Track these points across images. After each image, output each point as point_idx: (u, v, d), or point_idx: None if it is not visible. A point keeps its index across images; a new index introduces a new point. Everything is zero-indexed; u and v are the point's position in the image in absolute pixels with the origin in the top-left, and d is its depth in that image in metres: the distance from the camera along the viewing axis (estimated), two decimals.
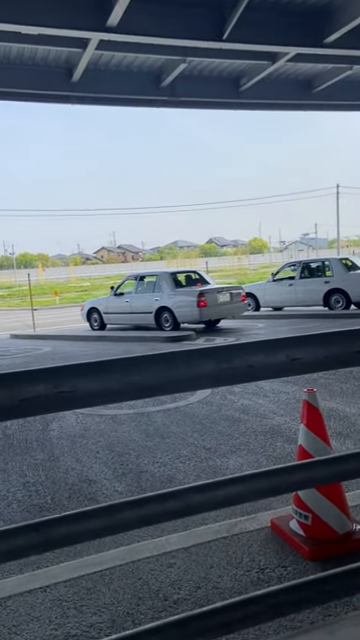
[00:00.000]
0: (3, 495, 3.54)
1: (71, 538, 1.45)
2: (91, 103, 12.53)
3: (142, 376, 1.50)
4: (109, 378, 1.47)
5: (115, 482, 3.63)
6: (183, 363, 1.54)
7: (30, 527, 1.44)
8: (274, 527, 2.82)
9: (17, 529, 1.42)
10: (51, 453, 4.39)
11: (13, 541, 1.39)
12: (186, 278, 13.10)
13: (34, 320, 15.55)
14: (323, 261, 14.36)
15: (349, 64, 11.70)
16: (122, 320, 13.32)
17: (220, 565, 2.55)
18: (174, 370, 1.52)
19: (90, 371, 1.47)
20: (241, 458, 3.92)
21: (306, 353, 1.64)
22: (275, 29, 9.86)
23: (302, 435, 2.67)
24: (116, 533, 1.52)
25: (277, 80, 13.00)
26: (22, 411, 1.37)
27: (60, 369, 1.46)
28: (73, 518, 1.47)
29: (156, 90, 12.24)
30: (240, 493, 1.60)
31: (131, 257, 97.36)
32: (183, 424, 4.94)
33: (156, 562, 2.60)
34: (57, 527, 1.44)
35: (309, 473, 1.64)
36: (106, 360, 1.52)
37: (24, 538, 1.40)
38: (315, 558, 2.53)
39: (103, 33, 9.05)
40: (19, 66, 11.14)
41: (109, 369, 1.50)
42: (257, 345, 1.67)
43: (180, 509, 1.54)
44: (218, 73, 12.63)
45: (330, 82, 12.95)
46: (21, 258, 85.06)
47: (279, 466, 1.69)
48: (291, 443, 4.16)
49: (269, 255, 79.91)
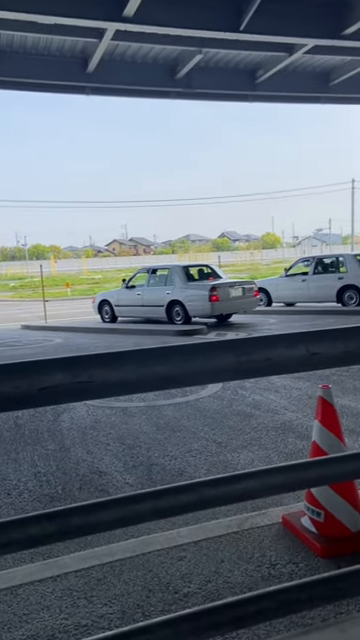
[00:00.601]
0: (15, 484, 3.55)
1: (84, 529, 1.44)
2: (106, 94, 12.49)
3: (160, 367, 1.49)
4: (127, 369, 1.45)
5: (126, 474, 3.63)
6: (202, 355, 1.52)
7: (44, 516, 1.43)
8: (285, 523, 2.80)
9: (31, 518, 1.41)
10: (62, 444, 4.40)
11: (27, 530, 1.38)
12: (198, 272, 13.06)
13: (46, 311, 15.62)
14: (337, 257, 14.23)
15: None
16: (133, 313, 13.32)
17: (231, 560, 2.53)
18: (192, 362, 1.50)
19: (108, 361, 1.46)
20: (252, 453, 3.89)
21: (325, 348, 1.61)
22: (293, 20, 9.73)
23: (316, 431, 2.64)
24: (130, 525, 1.51)
25: (294, 72, 12.84)
26: (41, 400, 1.35)
27: (78, 359, 1.44)
28: (87, 509, 1.46)
29: (171, 81, 12.15)
30: (255, 488, 1.58)
31: (143, 250, 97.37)
32: (194, 418, 4.93)
33: (166, 555, 2.60)
34: (71, 517, 1.43)
35: (324, 470, 1.61)
36: (124, 350, 1.50)
37: (38, 527, 1.39)
38: (327, 555, 2.51)
39: (119, 23, 8.99)
40: (34, 56, 11.12)
41: (127, 359, 1.48)
42: (276, 339, 1.64)
43: (194, 502, 1.53)
44: (234, 65, 12.50)
45: (348, 75, 12.76)
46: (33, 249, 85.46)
47: (294, 462, 1.67)
48: (303, 439, 4.13)
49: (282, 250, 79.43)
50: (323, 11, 9.81)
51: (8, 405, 1.37)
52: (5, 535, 1.36)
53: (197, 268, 13.38)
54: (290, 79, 12.78)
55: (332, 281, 13.44)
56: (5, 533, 1.36)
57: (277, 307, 14.65)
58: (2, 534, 1.36)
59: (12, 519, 1.40)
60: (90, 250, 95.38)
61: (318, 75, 13.24)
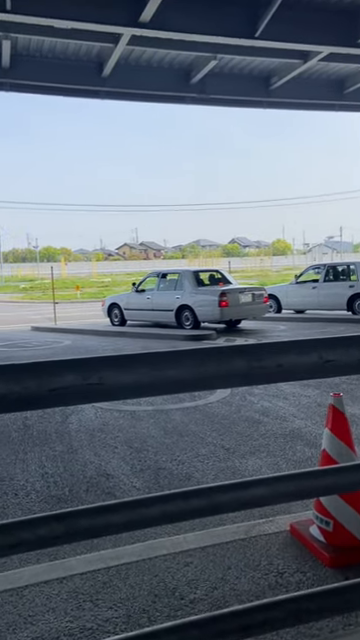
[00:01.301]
0: (22, 485, 3.56)
1: (92, 531, 1.44)
2: (120, 98, 12.57)
3: (172, 371, 1.48)
4: (138, 371, 1.45)
5: (133, 478, 3.62)
6: (214, 360, 1.51)
7: (53, 518, 1.43)
8: (293, 531, 2.77)
9: (40, 519, 1.41)
10: (70, 445, 4.40)
11: (35, 531, 1.38)
12: (208, 277, 13.05)
13: (55, 313, 15.70)
14: (348, 265, 14.15)
15: None
16: (143, 317, 13.33)
17: (238, 567, 2.51)
18: (205, 366, 1.49)
19: (119, 363, 1.45)
20: (260, 460, 3.87)
21: (340, 355, 1.60)
22: (309, 28, 9.73)
23: (326, 439, 2.62)
24: (138, 529, 1.51)
25: (308, 79, 12.83)
26: (51, 401, 1.35)
27: (89, 360, 1.44)
28: (95, 511, 1.46)
29: (186, 87, 12.20)
30: (264, 495, 1.57)
31: (153, 254, 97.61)
32: (202, 423, 4.91)
33: (173, 560, 2.58)
34: (79, 519, 1.42)
35: (335, 479, 1.59)
36: (135, 353, 1.50)
37: (47, 528, 1.39)
38: (335, 565, 2.47)
39: (135, 28, 9.05)
40: (51, 60, 11.22)
41: (138, 362, 1.47)
42: (289, 345, 1.63)
43: (204, 507, 1.51)
44: (249, 71, 12.53)
45: None
46: (44, 252, 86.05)
47: (304, 470, 1.65)
48: (311, 447, 4.10)
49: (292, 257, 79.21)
50: (339, 19, 9.81)
51: (18, 405, 1.37)
52: (14, 536, 1.36)
53: (207, 273, 13.37)
54: (304, 86, 12.78)
55: (343, 289, 13.36)
56: (14, 534, 1.36)
57: (287, 314, 14.59)
58: (11, 535, 1.36)
59: (21, 520, 1.39)
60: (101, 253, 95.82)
61: (333, 82, 13.23)
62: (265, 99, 13.00)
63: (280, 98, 12.94)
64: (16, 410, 1.38)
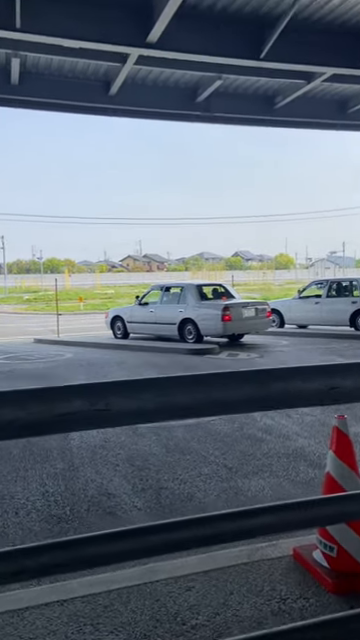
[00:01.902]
0: (23, 504, 3.54)
1: (96, 560, 1.43)
2: (127, 116, 12.73)
3: (178, 396, 1.48)
4: (145, 397, 1.45)
5: (134, 497, 3.60)
6: (220, 385, 1.52)
7: (56, 545, 1.42)
8: (296, 556, 2.75)
9: (44, 546, 1.41)
10: (71, 463, 4.39)
11: (39, 558, 1.38)
12: (211, 291, 13.08)
13: (58, 325, 15.72)
14: (351, 281, 14.18)
15: None
16: (145, 330, 13.35)
17: (240, 592, 2.48)
18: (211, 392, 1.50)
19: (126, 389, 1.46)
20: (263, 480, 3.84)
21: (346, 381, 1.60)
22: (313, 49, 9.87)
23: (330, 462, 2.60)
24: (142, 557, 1.50)
25: (312, 99, 12.98)
26: (58, 427, 1.36)
27: (96, 386, 1.45)
28: (98, 539, 1.45)
29: (191, 105, 12.35)
30: (269, 524, 1.56)
31: (156, 267, 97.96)
32: (204, 441, 4.89)
33: (174, 584, 2.55)
34: (82, 547, 1.42)
35: (343, 507, 1.59)
36: (141, 379, 1.50)
37: (50, 556, 1.38)
38: (339, 592, 2.44)
39: (143, 49, 9.19)
40: (59, 78, 11.40)
41: (144, 388, 1.48)
42: (294, 371, 1.63)
43: (208, 536, 1.51)
44: (253, 91, 12.69)
45: None
46: (48, 263, 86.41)
47: (312, 498, 1.65)
48: (315, 468, 4.07)
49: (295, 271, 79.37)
50: (343, 40, 9.95)
51: (25, 432, 1.37)
52: (17, 563, 1.35)
53: (210, 287, 13.41)
54: (308, 106, 12.92)
55: (346, 305, 13.37)
56: (17, 561, 1.35)
57: (289, 329, 14.58)
58: (14, 562, 1.36)
59: (24, 547, 1.39)
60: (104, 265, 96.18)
61: (336, 102, 13.38)
62: (269, 118, 13.14)
63: (284, 117, 13.08)
64: (22, 436, 1.38)
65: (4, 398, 1.35)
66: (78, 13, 8.66)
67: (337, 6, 9.20)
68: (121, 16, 8.85)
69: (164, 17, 8.23)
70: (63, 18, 8.63)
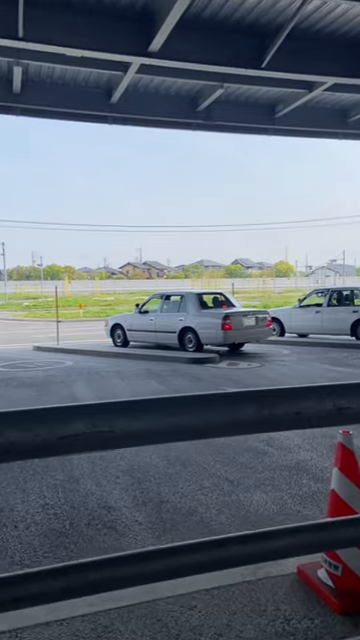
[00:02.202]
0: (22, 517, 3.49)
1: (97, 586, 1.39)
2: (128, 124, 12.76)
3: (181, 418, 1.45)
4: (147, 418, 1.42)
5: (135, 511, 3.55)
6: (224, 406, 1.49)
7: (57, 571, 1.38)
8: (300, 574, 2.70)
9: (44, 572, 1.37)
10: (71, 474, 4.34)
11: (39, 585, 1.34)
12: (212, 299, 13.07)
13: (58, 332, 15.68)
14: (352, 290, 14.18)
15: None
16: (145, 338, 13.31)
17: (243, 612, 2.43)
18: (214, 413, 1.47)
19: (128, 410, 1.43)
20: (265, 494, 3.79)
21: (354, 402, 1.57)
22: (314, 58, 9.91)
23: (335, 479, 2.56)
24: (146, 583, 1.46)
25: (313, 108, 13.03)
26: (60, 449, 1.33)
27: (99, 407, 1.41)
28: (100, 564, 1.41)
29: (192, 113, 12.39)
30: (277, 548, 1.52)
31: (156, 274, 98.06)
32: (205, 453, 4.84)
33: (176, 603, 2.50)
34: (84, 573, 1.38)
35: (356, 530, 1.55)
36: (144, 399, 1.47)
37: (51, 582, 1.34)
38: (344, 612, 2.39)
39: (144, 58, 9.22)
40: (61, 86, 11.44)
41: (147, 409, 1.45)
42: (301, 391, 1.60)
43: (213, 561, 1.47)
44: (254, 100, 12.74)
45: None
46: (48, 270, 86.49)
47: (322, 521, 1.61)
48: (317, 481, 4.03)
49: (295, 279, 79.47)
50: (344, 50, 10.00)
51: (28, 453, 1.34)
52: (17, 589, 1.31)
53: (211, 296, 13.39)
54: (309, 115, 12.97)
55: (346, 314, 13.35)
56: (17, 587, 1.31)
57: (290, 338, 14.55)
58: (14, 588, 1.32)
59: (24, 572, 1.35)
60: (104, 272, 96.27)
61: (337, 112, 13.43)
62: (270, 126, 13.18)
63: (285, 126, 13.12)
64: (26, 458, 1.35)
65: (6, 419, 1.32)
66: (80, 22, 8.69)
67: (338, 17, 9.25)
68: (123, 25, 8.89)
69: (166, 27, 8.26)
70: (65, 27, 8.67)
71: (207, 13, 8.97)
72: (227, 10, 8.91)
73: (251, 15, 9.10)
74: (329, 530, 1.51)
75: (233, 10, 8.94)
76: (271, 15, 9.08)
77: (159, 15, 8.32)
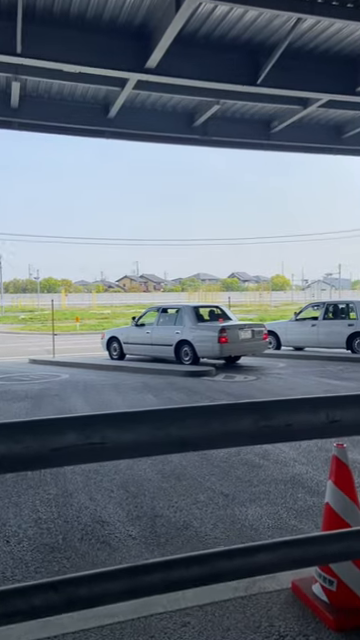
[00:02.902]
0: (14, 531, 3.44)
1: (91, 600, 1.37)
2: (125, 139, 12.89)
3: (175, 430, 1.45)
4: (141, 430, 1.42)
5: (129, 526, 3.51)
6: (219, 418, 1.48)
7: (49, 585, 1.37)
8: (295, 589, 2.67)
9: (36, 586, 1.35)
10: (65, 488, 4.30)
11: (31, 600, 1.32)
12: (208, 313, 13.09)
13: (54, 345, 15.63)
14: (347, 303, 14.23)
15: None
16: (142, 351, 13.29)
17: (237, 628, 2.40)
18: (209, 425, 1.46)
19: (121, 422, 1.42)
20: (260, 508, 3.76)
21: (347, 415, 1.57)
22: (309, 75, 10.08)
23: (330, 493, 2.55)
24: (138, 597, 1.44)
25: (308, 124, 13.21)
26: (52, 461, 1.32)
27: (91, 418, 1.41)
28: (93, 578, 1.40)
29: (189, 129, 12.54)
30: (269, 562, 1.51)
31: (153, 287, 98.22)
32: (200, 466, 4.81)
33: (170, 619, 2.46)
34: (78, 587, 1.36)
35: (347, 544, 1.54)
36: (137, 411, 1.47)
37: (43, 597, 1.33)
38: (340, 628, 2.36)
39: (141, 74, 9.36)
40: (59, 101, 11.56)
41: (140, 420, 1.44)
42: (295, 403, 1.60)
43: (207, 575, 1.45)
44: (250, 115, 12.90)
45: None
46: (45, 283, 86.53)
47: (314, 534, 1.60)
48: (313, 495, 4.00)
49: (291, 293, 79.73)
50: (339, 67, 10.17)
51: (20, 465, 1.33)
52: (9, 604, 1.30)
53: (207, 309, 13.42)
54: (304, 130, 13.14)
55: (342, 327, 13.39)
56: (9, 602, 1.29)
57: (286, 351, 14.55)
58: (5, 603, 1.30)
59: (16, 587, 1.33)
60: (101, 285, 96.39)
61: (331, 128, 13.61)
62: (266, 142, 13.34)
63: (280, 141, 13.29)
64: (16, 471, 1.34)
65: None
66: (78, 38, 8.82)
67: (332, 35, 9.43)
68: (121, 42, 9.03)
69: (163, 44, 8.40)
70: (63, 43, 8.79)
71: (203, 31, 9.12)
72: (223, 28, 9.07)
73: (246, 33, 9.26)
74: (319, 544, 1.50)
75: (229, 28, 9.10)
76: (266, 33, 9.25)
77: (156, 32, 8.46)
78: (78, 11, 8.46)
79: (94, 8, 8.39)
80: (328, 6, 7.93)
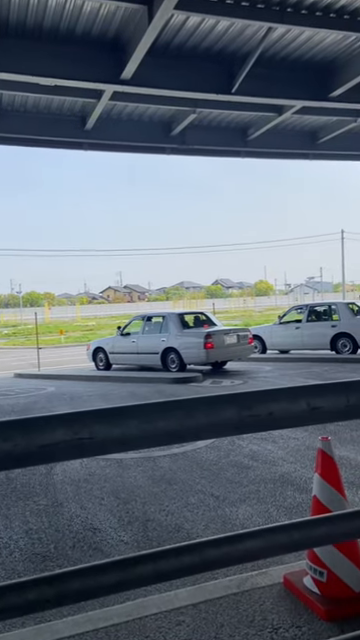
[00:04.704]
0: (5, 543, 3.42)
1: (84, 593, 1.39)
2: (103, 149, 12.95)
3: (162, 422, 1.48)
4: (129, 424, 1.45)
5: (121, 531, 3.51)
6: (204, 410, 1.52)
7: (42, 580, 1.38)
8: (287, 583, 2.70)
9: (29, 582, 1.36)
10: (55, 498, 4.28)
11: (25, 595, 1.33)
12: (193, 319, 13.14)
13: (39, 359, 15.53)
14: (330, 305, 14.42)
15: (354, 117, 12.10)
16: (128, 360, 13.27)
17: (231, 624, 2.42)
18: (194, 417, 1.50)
19: (108, 417, 1.45)
20: (251, 507, 3.80)
21: (327, 402, 1.62)
22: (282, 83, 10.27)
23: (316, 485, 2.60)
24: (130, 589, 1.46)
25: (283, 131, 13.43)
26: (41, 458, 1.34)
27: (79, 415, 1.44)
28: (86, 572, 1.42)
29: (166, 138, 12.65)
30: (259, 548, 1.55)
31: (137, 297, 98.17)
32: (190, 470, 4.83)
33: (164, 619, 2.48)
34: (70, 581, 1.38)
35: (330, 528, 1.58)
36: (124, 406, 1.50)
37: (36, 592, 1.34)
38: (331, 618, 2.40)
39: (117, 85, 9.44)
40: (35, 115, 11.58)
41: (127, 415, 1.48)
42: (276, 393, 1.65)
43: (197, 564, 1.48)
44: (226, 123, 13.08)
45: (335, 133, 13.36)
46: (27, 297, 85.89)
47: (298, 520, 1.64)
48: (302, 492, 4.05)
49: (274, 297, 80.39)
50: (311, 75, 10.39)
51: (8, 463, 1.35)
52: (4, 600, 1.31)
53: (192, 315, 13.47)
54: (280, 137, 13.35)
55: (325, 329, 13.56)
56: (5, 598, 1.31)
57: (272, 354, 14.67)
58: (1, 599, 1.31)
59: (9, 583, 1.35)
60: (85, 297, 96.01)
61: (306, 133, 13.86)
62: (243, 149, 13.52)
63: (257, 148, 13.48)
64: (5, 469, 1.36)
65: None
66: (52, 51, 8.88)
67: (302, 44, 9.64)
68: (95, 54, 9.11)
69: (137, 55, 8.50)
70: (38, 56, 8.84)
71: (177, 42, 9.25)
72: (195, 39, 9.22)
73: (219, 43, 9.42)
74: (304, 529, 1.54)
75: (201, 39, 9.25)
76: (238, 43, 9.42)
77: (130, 43, 8.56)
78: (51, 24, 8.52)
79: (67, 21, 8.46)
80: (297, 15, 8.12)
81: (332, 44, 9.71)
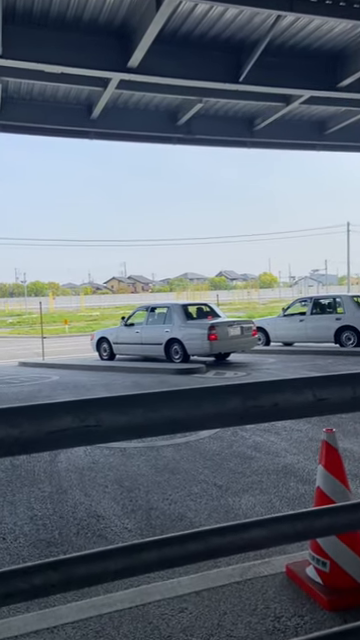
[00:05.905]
0: (10, 528, 3.46)
1: (89, 579, 1.40)
2: (109, 139, 12.89)
3: (167, 411, 1.48)
4: (135, 412, 1.45)
5: (124, 519, 3.54)
6: (209, 399, 1.52)
7: (48, 565, 1.40)
8: (289, 573, 2.72)
9: (35, 567, 1.38)
10: (59, 486, 4.31)
11: (31, 580, 1.35)
12: (197, 310, 13.13)
13: (43, 348, 15.58)
14: (334, 298, 14.37)
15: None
16: (132, 351, 13.30)
17: (233, 612, 2.45)
18: (200, 406, 1.50)
19: (115, 405, 1.46)
20: (253, 498, 3.82)
21: (333, 393, 1.62)
22: (290, 72, 10.17)
23: (320, 476, 2.60)
24: (135, 575, 1.47)
25: (291, 121, 13.32)
26: (48, 444, 1.35)
27: (87, 402, 1.44)
28: (91, 558, 1.43)
29: (172, 128, 12.57)
30: (263, 537, 1.55)
31: (141, 288, 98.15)
32: (194, 460, 4.85)
33: (167, 606, 2.50)
34: (75, 566, 1.39)
35: (334, 519, 1.58)
36: (131, 395, 1.50)
37: (42, 577, 1.35)
38: (333, 608, 2.42)
39: (124, 73, 9.37)
40: (41, 103, 11.53)
41: (133, 403, 1.48)
42: (283, 383, 1.65)
43: (202, 552, 1.49)
44: (233, 113, 12.98)
45: (343, 124, 13.24)
46: (32, 286, 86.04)
47: (303, 510, 1.64)
48: (305, 484, 4.06)
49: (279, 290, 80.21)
50: (319, 64, 10.28)
51: (15, 449, 1.36)
52: (8, 584, 1.32)
53: (196, 307, 13.46)
54: (287, 127, 13.25)
55: (330, 322, 13.52)
56: (8, 582, 1.32)
57: (275, 346, 14.66)
58: (4, 584, 1.33)
59: (15, 568, 1.36)
60: (89, 287, 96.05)
61: (314, 124, 13.74)
62: (249, 139, 13.43)
63: (263, 138, 13.38)
64: (13, 454, 1.37)
65: None
66: (59, 39, 8.82)
67: (312, 32, 9.52)
68: (102, 41, 9.04)
69: (144, 43, 8.43)
70: (44, 44, 8.78)
71: (184, 29, 9.16)
72: (204, 27, 9.12)
73: (227, 31, 9.32)
74: (307, 519, 1.55)
75: (209, 27, 9.15)
76: (247, 31, 9.32)
77: (137, 31, 8.48)
78: (58, 11, 8.45)
79: (74, 8, 8.39)
80: (307, 3, 8.02)
81: (341, 33, 9.60)
